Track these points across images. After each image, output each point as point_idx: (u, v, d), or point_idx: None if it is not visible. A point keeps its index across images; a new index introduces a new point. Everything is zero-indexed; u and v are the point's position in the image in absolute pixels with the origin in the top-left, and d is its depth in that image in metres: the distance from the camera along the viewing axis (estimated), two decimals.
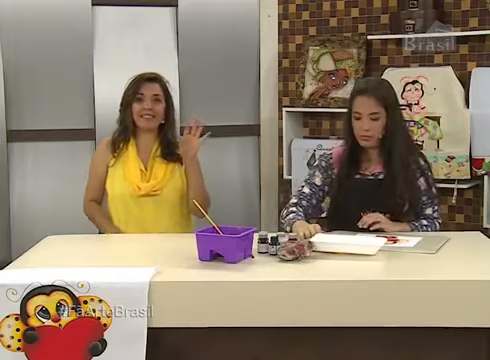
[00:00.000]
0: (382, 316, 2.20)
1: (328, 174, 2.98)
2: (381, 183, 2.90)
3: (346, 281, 2.23)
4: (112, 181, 3.15)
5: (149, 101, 3.11)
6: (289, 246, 2.43)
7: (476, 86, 3.73)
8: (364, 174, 2.94)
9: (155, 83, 3.16)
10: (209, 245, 2.43)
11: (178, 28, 4.26)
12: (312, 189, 2.97)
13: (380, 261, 2.45)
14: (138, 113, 3.12)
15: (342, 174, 2.93)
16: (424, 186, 2.94)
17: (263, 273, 2.34)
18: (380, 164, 2.94)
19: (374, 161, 2.95)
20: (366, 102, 2.86)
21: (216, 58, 4.30)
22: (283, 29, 4.33)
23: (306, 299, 2.20)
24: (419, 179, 2.93)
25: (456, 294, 2.18)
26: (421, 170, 2.95)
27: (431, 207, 2.96)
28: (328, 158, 3.00)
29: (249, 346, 2.25)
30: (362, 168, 2.95)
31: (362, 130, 2.87)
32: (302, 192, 2.97)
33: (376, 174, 2.94)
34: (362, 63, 4.05)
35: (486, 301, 2.17)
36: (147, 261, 2.41)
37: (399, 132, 2.90)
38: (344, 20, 4.15)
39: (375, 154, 2.95)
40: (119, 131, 3.18)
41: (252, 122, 4.42)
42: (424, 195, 2.94)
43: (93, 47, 4.16)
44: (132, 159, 3.14)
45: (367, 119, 2.86)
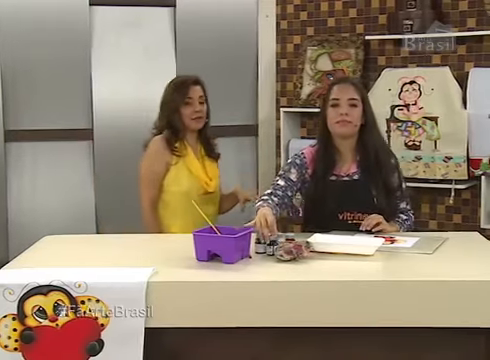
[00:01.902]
0: (380, 316, 2.20)
1: (302, 173, 2.96)
2: (357, 184, 2.90)
3: (344, 281, 2.23)
4: (177, 179, 3.20)
5: (197, 103, 3.22)
6: (287, 246, 2.43)
7: (474, 86, 3.72)
8: (339, 175, 2.94)
9: (198, 85, 3.26)
10: (207, 245, 2.43)
11: (176, 28, 4.26)
12: (287, 182, 2.93)
13: (378, 261, 2.45)
14: (189, 116, 3.21)
15: (317, 175, 2.92)
16: (396, 183, 2.97)
17: (260, 273, 2.34)
18: (354, 164, 2.95)
19: (348, 161, 2.96)
20: (345, 88, 2.92)
21: (214, 58, 4.29)
22: (281, 29, 4.33)
23: (304, 299, 2.20)
24: (392, 177, 2.96)
25: (454, 294, 2.19)
26: (392, 168, 2.97)
27: (404, 201, 2.99)
28: (302, 157, 2.99)
29: (247, 346, 2.25)
30: (337, 168, 2.95)
31: (340, 115, 2.88)
32: (277, 184, 2.93)
33: (351, 174, 2.94)
34: (360, 63, 4.04)
35: (484, 301, 2.18)
36: (145, 261, 2.41)
37: (375, 128, 2.96)
38: (342, 20, 4.15)
39: (348, 153, 2.96)
40: (171, 133, 3.23)
41: (250, 122, 4.42)
42: (397, 191, 2.97)
43: (91, 47, 4.16)
44: (193, 157, 3.23)
45: (346, 104, 2.89)
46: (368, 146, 2.91)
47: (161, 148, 3.21)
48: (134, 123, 4.20)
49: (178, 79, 3.30)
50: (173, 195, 3.20)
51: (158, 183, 3.21)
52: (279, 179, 2.95)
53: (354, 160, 2.95)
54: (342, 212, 2.88)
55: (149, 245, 2.74)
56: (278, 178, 2.96)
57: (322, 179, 2.90)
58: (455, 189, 3.85)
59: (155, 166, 3.20)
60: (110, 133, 4.20)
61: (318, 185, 2.89)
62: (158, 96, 4.21)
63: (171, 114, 3.22)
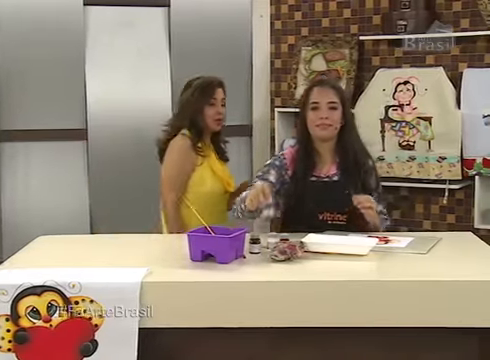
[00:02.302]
0: (374, 316, 2.20)
1: (281, 174, 2.97)
2: (336, 184, 2.91)
3: (338, 281, 2.23)
4: (202, 179, 3.22)
5: (220, 105, 3.26)
6: (281, 246, 2.43)
7: (467, 87, 3.73)
8: (319, 176, 2.95)
9: (222, 88, 3.31)
10: (201, 245, 2.42)
11: (170, 28, 4.25)
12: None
13: (372, 261, 2.45)
14: (212, 117, 3.24)
15: (297, 175, 2.92)
16: (374, 184, 2.99)
17: (255, 273, 2.34)
18: (334, 165, 2.96)
19: (327, 162, 2.97)
20: (324, 92, 2.93)
21: (208, 58, 4.29)
22: (275, 29, 4.32)
23: (298, 299, 2.20)
24: (370, 178, 2.97)
25: (448, 294, 2.19)
26: (370, 169, 2.99)
27: (381, 204, 2.99)
28: (281, 158, 2.99)
29: (242, 347, 2.25)
30: (316, 170, 2.95)
31: (320, 119, 2.89)
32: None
33: (330, 176, 2.95)
34: (354, 63, 4.05)
35: (477, 301, 2.18)
36: (139, 261, 2.40)
37: (354, 130, 2.99)
38: (336, 21, 4.15)
39: (328, 154, 2.97)
40: (194, 134, 3.24)
41: (244, 122, 4.42)
42: (374, 192, 2.98)
43: (85, 47, 4.15)
44: (215, 157, 3.26)
45: (326, 108, 2.90)
46: (347, 147, 2.94)
47: (188, 148, 3.21)
48: (128, 123, 4.21)
49: (204, 80, 3.30)
50: (197, 195, 3.20)
51: (185, 184, 3.21)
52: (258, 181, 2.95)
53: (334, 161, 2.97)
54: (322, 212, 2.88)
55: (143, 245, 2.74)
56: (256, 180, 2.96)
57: (302, 180, 2.90)
58: (449, 189, 3.85)
59: (185, 167, 3.19)
60: (104, 133, 4.19)
61: (298, 186, 2.89)
62: (152, 96, 4.26)
63: (195, 114, 3.23)
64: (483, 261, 2.47)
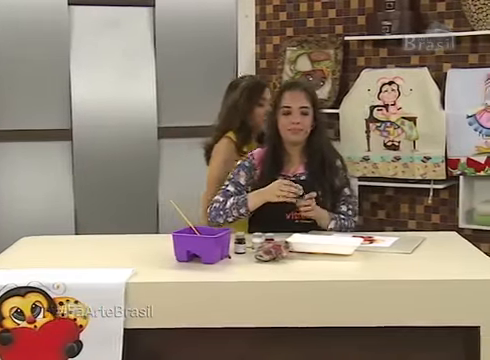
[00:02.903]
0: (360, 316, 2.20)
1: (251, 174, 2.96)
2: (304, 184, 2.91)
3: (323, 281, 2.24)
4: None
5: (268, 105, 3.25)
6: (266, 247, 2.43)
7: (451, 87, 3.75)
8: (286, 175, 2.95)
9: (268, 88, 3.35)
10: (186, 246, 2.42)
11: (155, 28, 4.25)
12: (237, 188, 2.93)
13: (356, 261, 2.46)
14: (262, 117, 3.25)
15: (265, 175, 2.93)
16: (340, 184, 2.99)
17: (240, 273, 2.34)
18: (301, 165, 2.98)
19: (296, 162, 2.98)
20: (296, 96, 2.93)
21: (193, 58, 4.29)
22: (260, 30, 4.33)
23: (283, 299, 2.20)
24: (337, 178, 2.98)
25: (432, 294, 2.20)
26: (338, 169, 3.00)
27: (345, 205, 2.99)
28: (250, 159, 2.99)
29: (227, 347, 2.25)
30: (284, 169, 2.96)
31: (292, 124, 2.90)
32: (227, 190, 2.93)
33: (298, 175, 2.96)
34: (339, 64, 4.06)
35: (461, 300, 2.19)
36: (124, 262, 2.40)
37: (323, 132, 3.01)
38: (321, 21, 4.16)
39: (297, 155, 2.98)
40: (240, 137, 3.26)
41: None
42: (341, 192, 2.99)
43: (70, 47, 4.14)
44: None
45: (297, 113, 2.90)
46: (316, 148, 2.95)
47: (231, 152, 3.25)
48: (113, 123, 4.20)
49: (251, 80, 3.35)
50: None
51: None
52: (229, 184, 2.95)
53: (302, 161, 2.98)
54: (289, 212, 2.88)
55: (128, 246, 2.73)
56: (228, 183, 2.96)
57: (270, 179, 2.90)
58: (434, 189, 3.88)
59: (227, 170, 3.16)
60: (89, 133, 4.18)
61: (265, 185, 2.90)
62: (137, 96, 4.24)
63: (244, 115, 3.26)
64: (467, 260, 2.48)
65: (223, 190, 2.94)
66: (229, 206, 2.84)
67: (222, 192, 2.94)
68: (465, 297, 2.19)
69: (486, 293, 2.19)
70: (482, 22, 3.65)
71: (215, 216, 2.86)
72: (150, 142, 4.27)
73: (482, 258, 2.51)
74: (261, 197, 2.81)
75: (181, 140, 4.33)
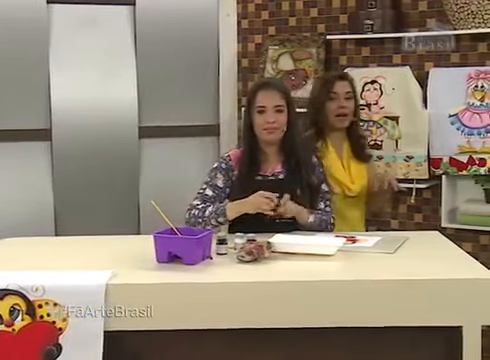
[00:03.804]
0: (342, 316, 2.20)
1: (229, 176, 2.96)
2: (282, 183, 2.93)
3: (305, 282, 2.24)
4: None
5: (343, 99, 3.17)
6: (247, 247, 2.43)
7: (434, 86, 3.77)
8: (265, 175, 2.96)
9: (345, 81, 3.22)
10: (167, 247, 2.41)
11: (136, 27, 4.22)
12: (215, 191, 2.93)
13: (339, 261, 2.46)
14: (333, 112, 3.17)
15: (243, 175, 2.93)
16: (316, 182, 3.00)
17: (222, 274, 2.34)
18: (279, 163, 2.98)
19: (273, 161, 2.99)
20: (270, 95, 2.92)
21: (174, 57, 4.27)
22: (242, 28, 4.33)
23: (265, 300, 2.20)
24: (313, 175, 2.99)
25: (414, 293, 2.21)
26: (314, 166, 3.01)
27: (323, 202, 3.01)
28: (227, 160, 2.98)
29: (209, 348, 2.25)
30: (262, 169, 2.96)
31: (267, 123, 2.90)
32: (205, 194, 2.92)
33: (276, 174, 2.97)
34: (321, 63, 4.06)
35: (444, 300, 2.20)
36: (103, 263, 2.39)
37: (298, 129, 3.01)
38: (303, 20, 4.17)
39: (274, 154, 2.99)
40: (313, 132, 3.21)
41: (211, 122, 4.41)
42: (318, 189, 3.01)
43: (49, 46, 4.10)
44: (333, 158, 3.19)
45: (272, 111, 2.90)
46: (292, 146, 2.95)
47: None
48: (93, 123, 4.17)
49: (324, 74, 3.28)
50: None
51: None
52: (207, 187, 2.94)
53: (279, 160, 2.99)
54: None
55: (108, 247, 2.72)
56: (206, 186, 2.95)
57: (248, 179, 2.91)
58: (416, 188, 3.89)
59: None
60: (69, 133, 4.15)
61: (244, 185, 2.90)
62: (118, 95, 4.22)
63: (316, 110, 3.20)
64: (449, 260, 2.50)
65: (201, 194, 2.93)
66: (208, 215, 2.83)
67: (200, 196, 2.93)
68: (447, 297, 2.20)
69: (468, 293, 2.20)
70: (463, 21, 3.67)
71: (194, 223, 2.85)
72: (131, 142, 4.25)
73: (464, 258, 2.52)
74: (240, 208, 2.80)
75: (162, 140, 4.32)
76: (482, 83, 3.65)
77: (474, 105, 3.67)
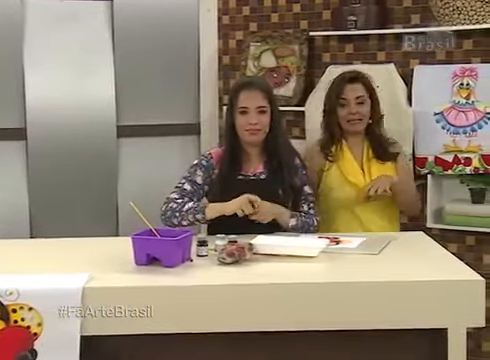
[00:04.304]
0: (325, 319, 2.21)
1: (209, 174, 2.97)
2: (263, 183, 2.94)
3: (287, 284, 2.24)
4: (329, 185, 3.17)
5: (354, 105, 3.12)
6: (229, 249, 2.43)
7: (419, 84, 3.79)
8: (246, 175, 2.97)
9: (357, 83, 3.16)
10: (146, 248, 2.41)
11: (114, 23, 4.20)
12: (193, 187, 2.93)
13: (322, 263, 2.47)
14: (345, 118, 3.15)
15: (224, 175, 2.93)
16: (299, 183, 3.02)
17: (202, 277, 2.34)
18: (261, 164, 3.00)
19: (255, 161, 3.00)
20: (253, 95, 2.92)
21: (153, 54, 4.25)
22: (223, 24, 4.33)
23: (247, 303, 2.20)
24: (296, 176, 3.01)
25: (399, 295, 2.22)
26: (297, 167, 3.03)
27: (306, 204, 3.02)
28: (209, 158, 2.99)
29: (189, 353, 2.25)
30: (244, 169, 2.97)
31: (249, 124, 2.91)
32: (183, 189, 2.92)
33: (257, 174, 2.98)
34: (304, 60, 4.08)
35: (429, 302, 2.21)
36: (80, 266, 2.38)
37: (280, 129, 3.02)
38: (285, 16, 4.18)
39: (256, 154, 3.00)
40: (326, 136, 3.20)
41: (191, 121, 4.39)
42: (301, 190, 3.02)
43: (23, 42, 4.08)
44: (349, 161, 3.17)
45: (254, 112, 2.91)
46: (274, 147, 2.96)
47: (314, 154, 3.21)
48: (70, 122, 4.14)
49: (337, 76, 3.20)
50: (327, 202, 3.18)
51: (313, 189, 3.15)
52: (185, 182, 2.95)
53: (261, 160, 3.00)
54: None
55: (86, 249, 2.70)
56: (184, 181, 2.95)
57: (229, 179, 2.91)
58: None
59: (309, 174, 3.14)
60: (44, 132, 4.12)
61: (225, 185, 2.90)
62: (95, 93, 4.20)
63: (327, 116, 3.19)
64: (434, 261, 2.51)
65: (179, 188, 2.93)
66: (186, 209, 2.83)
67: (179, 190, 2.93)
68: (432, 299, 2.21)
69: (453, 294, 2.21)
70: (448, 17, 3.70)
71: (170, 216, 2.85)
72: (109, 141, 4.23)
73: (449, 258, 2.54)
74: (221, 209, 2.80)
75: (141, 139, 4.30)
76: (467, 81, 3.67)
77: (459, 103, 3.70)
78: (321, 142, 3.24)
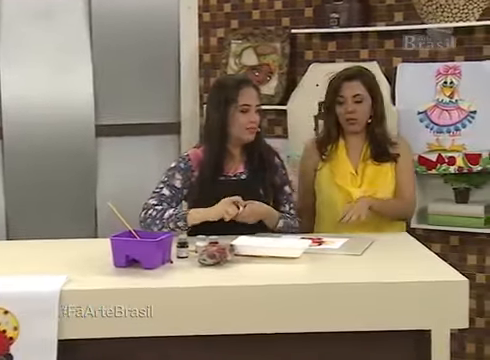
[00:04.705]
0: (307, 321, 2.21)
1: (188, 176, 2.95)
2: (244, 183, 2.95)
3: (269, 285, 2.24)
4: (319, 186, 3.16)
5: (351, 103, 3.10)
6: (210, 250, 2.43)
7: (402, 82, 3.80)
8: (227, 175, 2.97)
9: (355, 81, 3.13)
10: (125, 250, 2.40)
11: (92, 20, 4.20)
12: (172, 191, 2.91)
13: (304, 264, 2.47)
14: (343, 117, 3.12)
15: (205, 176, 2.92)
16: (279, 183, 3.03)
17: (183, 279, 2.33)
18: (241, 164, 3.00)
19: (236, 161, 3.00)
20: (252, 93, 2.95)
21: (132, 52, 4.26)
22: (204, 22, 4.32)
23: (228, 305, 2.20)
24: (276, 176, 3.02)
25: (382, 296, 2.22)
26: (276, 167, 3.04)
27: (287, 204, 3.04)
28: (186, 160, 2.97)
29: (169, 356, 2.24)
30: (225, 169, 2.97)
31: (250, 122, 2.91)
32: (162, 194, 2.90)
33: (238, 174, 2.99)
34: (286, 58, 4.07)
35: (413, 303, 2.22)
36: (57, 268, 2.37)
37: (264, 129, 3.05)
38: (267, 13, 4.17)
39: (238, 154, 3.01)
40: (324, 133, 3.19)
41: (172, 120, 4.40)
42: (282, 190, 3.04)
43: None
44: (342, 161, 3.14)
45: (254, 111, 2.93)
46: (256, 146, 2.98)
47: (310, 151, 3.21)
48: (47, 121, 4.14)
49: (335, 73, 3.17)
50: (319, 204, 3.17)
51: (309, 189, 3.18)
52: (164, 187, 2.92)
53: (241, 160, 3.00)
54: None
55: (63, 251, 2.69)
56: (162, 186, 2.93)
57: (211, 181, 2.91)
58: None
59: (305, 171, 3.18)
60: (21, 132, 4.12)
61: (207, 187, 2.90)
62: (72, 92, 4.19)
63: (325, 113, 3.18)
64: (418, 262, 2.53)
65: (158, 194, 2.91)
66: (167, 217, 2.81)
67: (157, 196, 2.90)
68: (416, 300, 2.22)
69: (437, 295, 2.22)
70: (432, 15, 3.72)
71: (150, 224, 2.83)
72: (87, 140, 4.23)
73: (433, 259, 2.56)
74: (203, 216, 2.78)
75: (120, 138, 4.30)
76: (451, 79, 3.69)
77: (443, 102, 3.72)
78: (318, 140, 3.24)
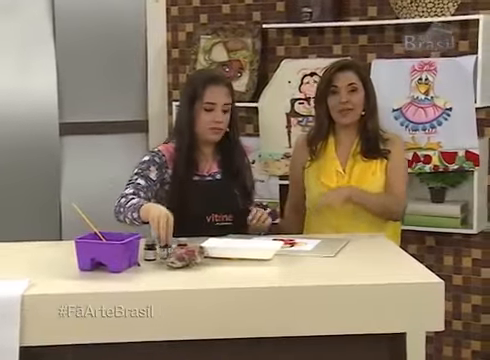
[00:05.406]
0: (278, 325, 2.22)
1: (162, 172, 2.93)
2: (220, 183, 2.96)
3: (239, 288, 2.24)
4: (307, 184, 3.15)
5: (345, 92, 3.07)
6: (178, 252, 2.43)
7: (377, 79, 3.80)
8: (202, 175, 2.98)
9: (349, 71, 3.11)
10: (90, 253, 2.39)
11: (55, 14, 4.17)
12: (148, 182, 2.87)
13: (276, 266, 2.48)
14: (335, 108, 3.09)
15: (179, 176, 2.91)
16: (250, 183, 3.06)
17: (150, 282, 2.33)
18: (214, 163, 3.01)
19: (209, 160, 3.01)
20: (220, 91, 2.92)
21: (98, 47, 4.24)
22: (172, 16, 4.31)
23: (198, 309, 2.20)
24: (247, 176, 3.05)
25: (355, 299, 2.23)
26: (246, 167, 3.07)
27: (252, 205, 3.06)
28: (160, 155, 2.95)
29: None
30: (199, 169, 2.97)
31: (215, 122, 2.90)
32: (137, 183, 2.85)
33: (213, 174, 3.00)
34: (257, 54, 4.08)
35: (387, 305, 2.24)
36: (19, 272, 2.35)
37: (238, 129, 3.03)
38: (237, 7, 4.17)
39: (210, 153, 3.01)
40: (315, 129, 3.17)
41: (139, 118, 4.39)
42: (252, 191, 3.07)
43: None
44: (329, 159, 3.13)
45: (220, 110, 2.91)
46: (229, 146, 2.99)
47: (300, 148, 3.21)
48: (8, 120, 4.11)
49: (328, 66, 3.15)
50: (308, 202, 3.16)
51: (297, 185, 3.18)
52: (138, 178, 2.88)
53: (215, 159, 3.01)
54: (210, 214, 2.89)
55: (26, 254, 2.67)
56: (137, 177, 2.88)
57: (185, 180, 2.91)
58: None
59: (294, 169, 3.19)
60: None
61: (181, 187, 2.89)
62: (35, 89, 4.16)
63: (317, 106, 3.16)
64: (393, 263, 2.55)
65: (133, 183, 2.86)
66: (129, 206, 2.73)
67: (132, 185, 2.85)
68: (390, 302, 2.23)
69: (412, 298, 2.24)
70: (406, 10, 3.75)
71: (117, 212, 2.78)
72: (51, 139, 4.20)
73: (408, 261, 2.57)
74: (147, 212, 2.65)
75: (86, 137, 4.28)
76: (426, 75, 3.72)
77: (418, 99, 3.74)
78: (309, 137, 3.22)
